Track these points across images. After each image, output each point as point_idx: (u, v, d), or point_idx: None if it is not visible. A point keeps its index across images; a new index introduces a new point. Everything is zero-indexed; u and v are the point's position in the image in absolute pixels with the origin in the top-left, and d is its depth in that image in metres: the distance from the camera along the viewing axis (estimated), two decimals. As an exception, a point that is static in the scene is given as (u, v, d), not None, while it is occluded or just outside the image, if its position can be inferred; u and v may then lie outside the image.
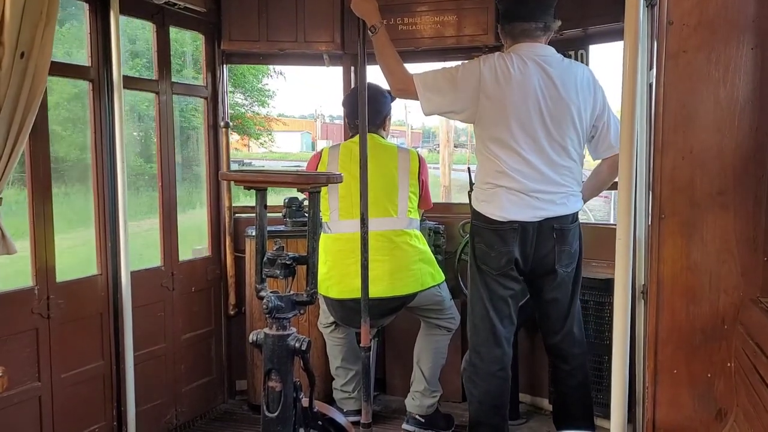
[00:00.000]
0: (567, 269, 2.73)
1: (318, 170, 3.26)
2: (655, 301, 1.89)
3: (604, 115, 2.74)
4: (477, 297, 2.77)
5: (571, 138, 2.66)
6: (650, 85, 2.36)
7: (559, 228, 2.67)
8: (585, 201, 2.84)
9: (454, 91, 2.66)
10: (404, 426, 3.36)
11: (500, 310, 2.74)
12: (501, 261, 2.69)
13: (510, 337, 2.79)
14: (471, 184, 3.06)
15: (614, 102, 2.85)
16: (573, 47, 3.36)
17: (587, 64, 3.38)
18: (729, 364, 1.82)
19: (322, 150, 3.37)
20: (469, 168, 3.31)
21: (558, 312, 2.78)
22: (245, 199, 3.88)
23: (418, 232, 3.25)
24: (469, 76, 2.64)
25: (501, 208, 2.66)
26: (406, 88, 2.71)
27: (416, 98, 2.70)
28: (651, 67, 2.36)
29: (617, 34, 2.83)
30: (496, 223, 2.67)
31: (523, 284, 2.81)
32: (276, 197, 3.90)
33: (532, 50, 2.68)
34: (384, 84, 2.93)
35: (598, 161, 2.88)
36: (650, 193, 2.01)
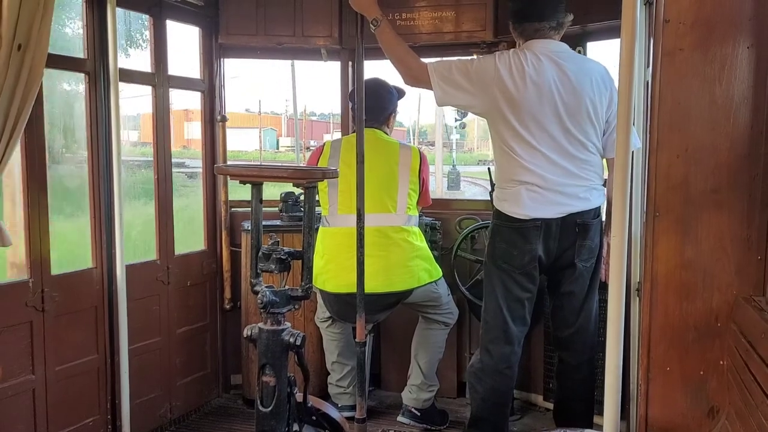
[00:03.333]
0: (586, 264, 2.72)
1: (319, 164, 3.26)
2: (649, 298, 1.90)
3: None
4: (491, 295, 2.75)
5: (587, 131, 2.64)
6: (647, 83, 2.37)
7: (582, 223, 2.66)
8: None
9: (469, 84, 2.63)
10: (399, 418, 3.38)
11: (515, 310, 2.72)
12: (524, 259, 2.67)
13: (521, 337, 2.77)
14: (492, 184, 3.04)
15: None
16: (571, 44, 3.31)
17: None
18: (722, 362, 1.83)
19: (324, 143, 3.37)
20: (489, 168, 3.30)
21: (572, 305, 2.77)
22: (241, 193, 3.87)
23: (416, 229, 3.25)
24: (484, 71, 2.63)
25: (523, 206, 2.63)
26: (419, 77, 2.68)
27: (429, 88, 2.67)
28: (648, 65, 2.37)
29: (615, 32, 2.82)
30: (519, 221, 2.65)
31: (539, 285, 2.79)
32: (273, 191, 3.90)
33: (545, 47, 2.67)
34: (390, 79, 2.90)
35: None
36: (645, 190, 2.01)
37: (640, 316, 2.19)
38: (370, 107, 3.19)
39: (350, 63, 3.85)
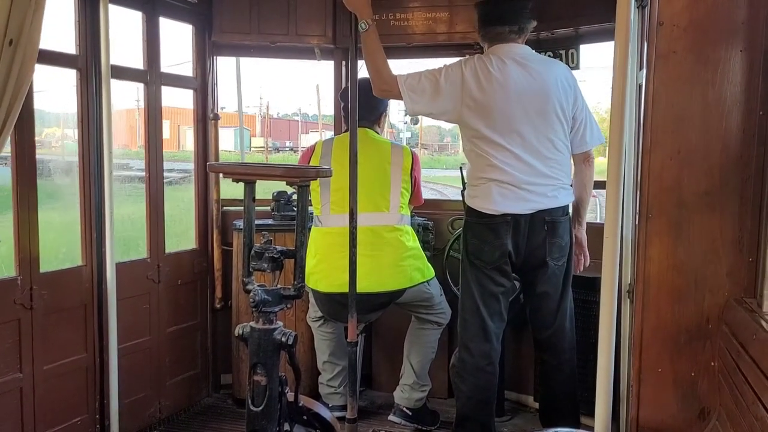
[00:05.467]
0: (558, 262, 2.76)
1: (311, 163, 3.26)
2: (641, 300, 1.91)
3: (583, 111, 2.79)
4: (468, 292, 2.80)
5: (556, 130, 2.71)
6: (640, 86, 2.38)
7: (551, 220, 2.71)
8: (581, 202, 2.87)
9: (438, 93, 2.70)
10: (391, 417, 3.37)
11: (490, 305, 2.76)
12: (495, 254, 2.72)
13: (499, 333, 2.82)
14: (463, 183, 3.09)
15: (604, 102, 2.87)
16: (564, 46, 3.37)
17: (578, 64, 3.39)
18: (713, 364, 1.84)
19: (315, 143, 3.36)
20: (461, 167, 3.33)
21: (549, 306, 2.81)
22: (233, 191, 3.85)
23: (409, 228, 3.25)
24: (452, 79, 2.70)
25: (493, 202, 2.69)
26: (389, 89, 2.76)
27: (399, 98, 2.75)
28: (641, 68, 2.38)
29: (608, 34, 2.84)
30: (488, 216, 2.71)
31: (513, 280, 2.84)
32: (266, 191, 3.87)
33: (509, 50, 2.74)
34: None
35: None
36: (638, 192, 2.02)
37: (631, 318, 2.19)
38: (361, 107, 3.19)
39: (344, 62, 3.84)
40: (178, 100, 3.68)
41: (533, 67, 2.70)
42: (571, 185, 2.83)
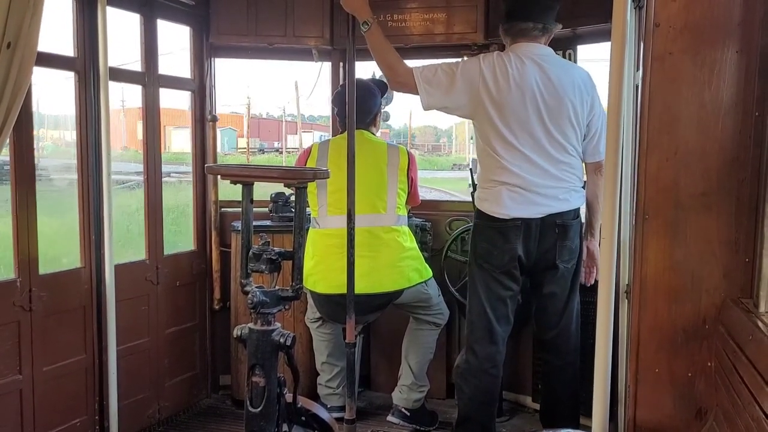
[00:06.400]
0: (567, 264, 2.76)
1: (307, 166, 3.26)
2: (638, 300, 1.91)
3: (599, 120, 2.76)
4: (475, 295, 2.79)
5: (568, 134, 2.69)
6: (636, 86, 2.38)
7: (562, 223, 2.70)
8: (594, 213, 2.85)
9: (454, 86, 2.67)
10: (389, 418, 3.38)
11: (498, 309, 2.76)
12: (504, 258, 2.70)
13: (505, 336, 2.81)
14: (474, 184, 3.08)
15: (602, 102, 2.87)
16: (561, 47, 3.37)
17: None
18: (709, 364, 1.84)
19: (311, 145, 3.37)
20: (471, 169, 3.33)
21: (556, 306, 2.80)
22: (231, 193, 3.85)
23: (406, 229, 3.26)
24: (469, 73, 2.66)
25: (503, 206, 2.68)
26: (405, 82, 2.71)
27: (415, 92, 2.70)
28: (638, 68, 2.38)
29: (605, 35, 2.84)
30: (499, 220, 2.69)
31: (522, 284, 2.83)
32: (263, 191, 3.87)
33: (529, 49, 2.71)
34: (371, 74, 2.93)
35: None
36: (635, 193, 2.03)
37: (628, 319, 2.20)
38: (356, 109, 3.20)
39: (341, 64, 3.84)
40: (165, 101, 3.63)
41: (551, 69, 2.67)
42: (583, 187, 2.82)
